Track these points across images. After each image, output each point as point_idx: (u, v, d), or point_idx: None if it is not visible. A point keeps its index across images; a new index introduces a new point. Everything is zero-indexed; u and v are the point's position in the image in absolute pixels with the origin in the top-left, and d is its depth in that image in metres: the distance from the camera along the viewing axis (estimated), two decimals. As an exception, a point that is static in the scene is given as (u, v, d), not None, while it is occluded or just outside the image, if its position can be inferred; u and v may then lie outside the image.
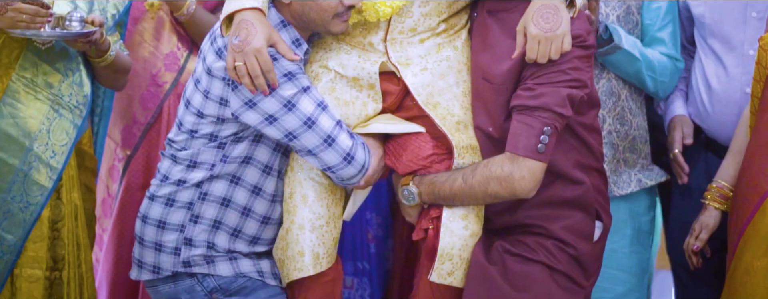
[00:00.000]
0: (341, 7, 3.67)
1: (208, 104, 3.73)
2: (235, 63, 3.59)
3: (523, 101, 3.57)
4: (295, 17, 3.72)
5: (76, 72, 4.15)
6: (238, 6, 3.64)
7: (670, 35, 4.41)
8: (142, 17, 4.71)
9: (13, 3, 3.82)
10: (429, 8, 3.76)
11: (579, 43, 3.58)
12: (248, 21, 3.60)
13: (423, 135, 3.77)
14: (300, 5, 3.69)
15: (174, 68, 4.75)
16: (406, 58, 3.77)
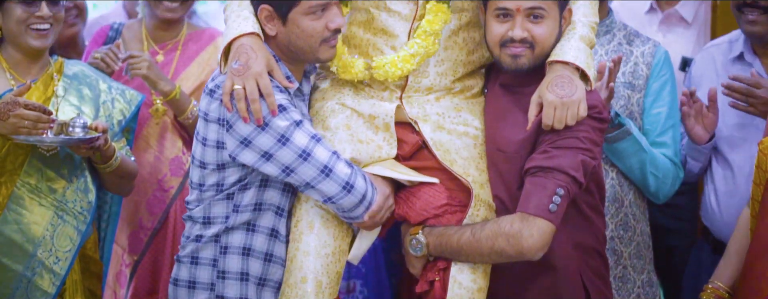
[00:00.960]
0: (327, 32, 3.69)
1: (207, 151, 3.72)
2: (233, 86, 3.58)
3: (538, 162, 3.61)
4: (283, 49, 3.73)
5: (80, 178, 4.18)
6: (235, 33, 3.65)
7: (672, 140, 4.40)
8: (147, 123, 4.75)
9: (16, 109, 3.86)
10: (444, 68, 3.83)
11: (594, 113, 3.64)
12: (247, 46, 3.62)
13: (437, 185, 3.77)
14: (285, 35, 3.70)
15: (179, 173, 4.77)
16: (424, 115, 3.81)
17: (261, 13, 3.70)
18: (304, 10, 3.65)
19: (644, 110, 4.37)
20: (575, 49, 3.69)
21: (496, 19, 3.71)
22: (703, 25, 5.38)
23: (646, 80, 4.39)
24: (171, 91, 4.61)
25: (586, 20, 3.79)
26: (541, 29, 3.68)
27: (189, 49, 4.82)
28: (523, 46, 3.68)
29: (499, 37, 3.70)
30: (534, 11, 3.68)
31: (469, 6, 3.82)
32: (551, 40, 3.71)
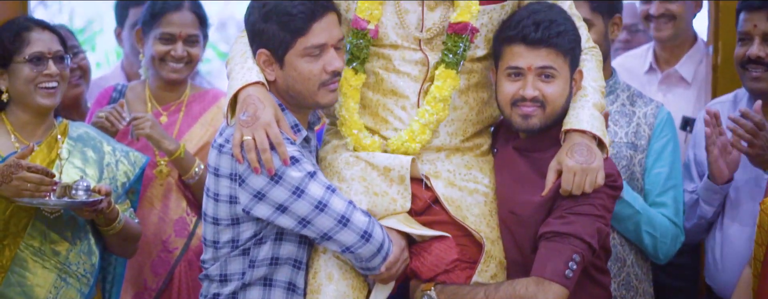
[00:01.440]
0: (325, 75, 3.69)
1: (219, 207, 3.71)
2: (242, 138, 3.59)
3: (554, 227, 3.63)
4: (284, 95, 3.73)
5: (84, 240, 4.18)
6: (240, 83, 3.66)
7: (673, 200, 4.39)
8: (151, 183, 4.76)
9: (19, 172, 3.88)
10: (454, 128, 3.85)
11: (610, 181, 3.69)
12: (254, 96, 3.62)
13: (448, 240, 3.78)
14: (284, 79, 3.71)
15: (184, 234, 4.77)
16: (435, 171, 3.84)
17: (259, 58, 3.71)
18: (299, 52, 3.67)
19: (646, 170, 4.38)
20: (591, 117, 3.75)
21: (508, 78, 3.76)
22: (703, 85, 5.41)
23: (648, 141, 4.40)
24: (175, 150, 4.62)
25: (597, 85, 3.84)
26: (552, 88, 3.73)
27: (193, 110, 4.84)
28: (534, 106, 3.73)
29: (511, 95, 3.75)
30: (545, 71, 3.73)
31: (477, 67, 3.86)
32: (562, 99, 3.76)
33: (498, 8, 3.82)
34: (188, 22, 4.78)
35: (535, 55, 3.72)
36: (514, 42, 3.74)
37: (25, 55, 4.12)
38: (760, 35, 4.44)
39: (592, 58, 3.90)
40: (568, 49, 3.76)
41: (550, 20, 3.73)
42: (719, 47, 5.00)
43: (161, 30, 4.75)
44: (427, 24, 3.80)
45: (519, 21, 3.75)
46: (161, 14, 4.76)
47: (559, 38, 3.73)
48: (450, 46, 3.77)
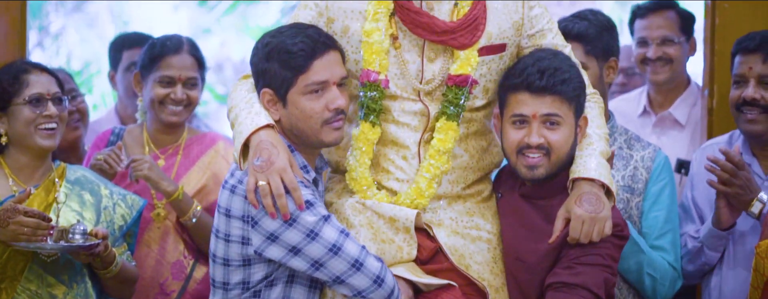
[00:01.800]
0: (328, 112, 3.70)
1: (230, 248, 3.70)
2: (257, 183, 3.59)
3: (562, 278, 3.65)
4: (289, 134, 3.74)
5: (81, 284, 4.18)
6: (250, 128, 3.67)
7: (671, 244, 4.39)
8: (148, 226, 4.77)
9: (15, 216, 3.89)
10: (455, 176, 3.86)
11: (617, 231, 3.72)
12: (267, 141, 3.63)
13: (454, 289, 3.78)
14: (288, 118, 3.72)
15: (181, 277, 4.77)
16: (438, 220, 3.84)
17: (263, 97, 3.74)
18: (301, 89, 3.69)
19: (643, 213, 4.39)
20: (598, 166, 3.77)
21: (513, 125, 3.78)
22: (696, 127, 5.43)
23: (646, 184, 4.41)
24: (174, 191, 4.63)
25: (601, 133, 3.87)
26: (557, 136, 3.76)
27: (191, 153, 4.85)
28: (539, 154, 3.76)
29: (516, 143, 3.77)
30: (550, 118, 3.75)
31: (476, 116, 3.88)
32: (567, 147, 3.78)
33: (496, 58, 3.84)
34: (187, 65, 4.80)
35: (539, 102, 3.74)
36: (519, 90, 3.76)
37: (24, 97, 4.14)
38: (756, 77, 4.46)
39: (595, 106, 3.92)
40: (573, 96, 3.78)
41: (555, 68, 3.75)
42: (715, 90, 5.02)
43: (161, 73, 4.77)
44: (426, 75, 3.82)
45: (524, 69, 3.77)
46: (160, 57, 4.78)
47: (564, 86, 3.75)
48: (451, 99, 3.78)
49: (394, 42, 3.79)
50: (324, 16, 3.81)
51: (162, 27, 15.56)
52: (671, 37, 5.52)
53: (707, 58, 5.10)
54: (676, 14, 5.61)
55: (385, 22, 3.76)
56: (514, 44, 3.87)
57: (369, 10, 3.77)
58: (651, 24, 5.54)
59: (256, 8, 15.46)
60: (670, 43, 5.51)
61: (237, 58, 16.25)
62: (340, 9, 3.81)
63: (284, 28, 3.75)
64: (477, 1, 3.79)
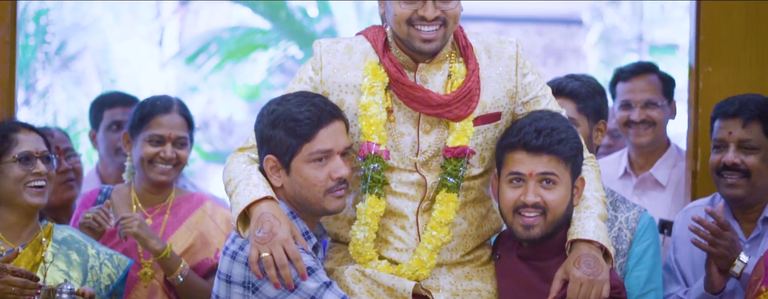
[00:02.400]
0: (331, 181, 3.73)
1: None
2: (260, 255, 3.60)
3: None
4: (291, 201, 3.76)
5: (67, 342, 4.19)
6: (249, 199, 3.68)
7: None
8: (136, 285, 4.76)
9: (3, 276, 3.90)
10: (454, 244, 3.89)
11: (615, 293, 3.75)
12: (269, 213, 3.64)
13: None
14: (291, 186, 3.75)
15: (167, 335, 4.77)
16: (437, 285, 3.86)
17: (266, 164, 3.76)
18: (305, 157, 3.72)
19: (626, 273, 4.42)
20: (596, 228, 3.80)
21: (510, 184, 3.82)
22: (677, 188, 5.48)
23: (630, 245, 4.43)
24: (162, 250, 4.64)
25: (599, 195, 3.90)
26: (553, 195, 3.79)
27: (178, 213, 4.87)
28: (535, 213, 3.79)
29: (513, 202, 3.81)
30: (546, 177, 3.79)
31: (473, 184, 3.90)
32: (563, 207, 3.82)
33: (492, 127, 3.88)
34: (177, 124, 4.83)
35: (536, 161, 3.78)
36: (516, 149, 3.80)
37: (14, 155, 4.18)
38: (735, 142, 4.50)
39: (592, 169, 3.96)
40: (570, 156, 3.82)
41: (552, 128, 3.79)
42: (699, 153, 5.08)
43: (151, 132, 4.79)
44: (422, 147, 3.85)
45: (521, 128, 3.81)
46: (151, 117, 4.81)
47: (561, 145, 3.79)
48: (450, 171, 3.81)
49: (389, 115, 3.82)
50: (318, 91, 3.85)
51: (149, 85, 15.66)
52: (655, 101, 5.57)
53: (691, 122, 5.15)
54: (658, 78, 5.68)
55: (381, 95, 3.80)
56: (508, 112, 3.90)
57: (365, 83, 3.81)
58: (634, 87, 5.60)
59: (243, 67, 15.55)
60: (654, 107, 5.57)
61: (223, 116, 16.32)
62: (334, 84, 3.84)
63: (290, 95, 3.79)
64: (470, 72, 3.83)
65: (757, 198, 4.55)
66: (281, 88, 15.41)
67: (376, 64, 3.83)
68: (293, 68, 15.03)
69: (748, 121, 4.50)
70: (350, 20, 15.59)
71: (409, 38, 3.78)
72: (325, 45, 3.89)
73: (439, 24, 3.76)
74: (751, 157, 4.50)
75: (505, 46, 3.91)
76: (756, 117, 4.50)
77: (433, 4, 3.74)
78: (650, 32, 16.60)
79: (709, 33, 5.09)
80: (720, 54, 5.08)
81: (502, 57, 3.89)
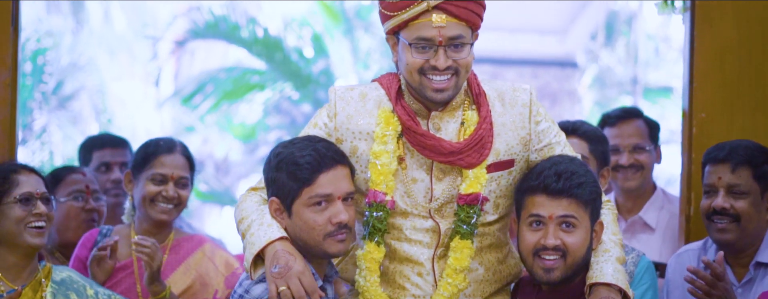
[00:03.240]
0: (330, 226, 3.76)
1: None
2: (278, 290, 3.64)
3: None
4: (293, 245, 3.77)
5: None
6: (264, 240, 3.73)
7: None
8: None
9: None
10: (472, 289, 3.92)
11: None
12: (284, 250, 3.69)
13: None
14: (292, 228, 3.78)
15: None
16: None
17: (271, 206, 3.81)
18: (305, 201, 3.76)
19: None
20: (615, 271, 3.83)
21: (529, 227, 3.85)
22: (666, 230, 5.52)
23: (628, 288, 4.46)
24: (161, 290, 4.68)
25: (616, 239, 3.93)
26: (573, 238, 3.82)
27: (178, 254, 4.91)
28: (556, 255, 3.82)
29: (533, 245, 3.83)
30: (566, 220, 3.82)
31: (489, 230, 3.94)
32: (583, 250, 3.84)
33: (505, 174, 3.91)
34: (180, 164, 4.89)
35: (556, 204, 3.81)
36: (536, 192, 3.83)
37: (15, 196, 4.22)
38: (725, 187, 4.54)
39: (609, 212, 3.99)
40: (589, 200, 3.85)
41: (572, 171, 3.82)
42: (692, 197, 5.11)
43: (154, 171, 4.85)
44: (435, 194, 3.88)
45: (541, 172, 3.84)
46: (154, 156, 4.87)
47: (580, 189, 3.82)
48: (463, 218, 3.84)
49: (401, 163, 3.86)
50: (332, 137, 3.89)
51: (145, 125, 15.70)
52: (643, 145, 5.62)
53: (685, 166, 5.19)
54: (645, 123, 5.73)
55: (393, 143, 3.84)
56: (522, 159, 3.93)
57: (377, 132, 3.84)
58: (622, 132, 5.64)
59: (239, 107, 15.60)
60: (642, 151, 5.60)
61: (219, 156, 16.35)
62: (348, 130, 3.89)
63: (297, 139, 3.84)
64: (482, 120, 3.86)
65: (747, 243, 4.58)
66: (277, 128, 15.48)
67: (390, 111, 3.87)
68: (289, 109, 15.09)
69: (737, 166, 4.55)
70: (346, 61, 15.66)
71: (421, 87, 3.82)
72: (339, 92, 3.93)
73: (450, 73, 3.79)
74: (740, 202, 4.54)
75: (518, 94, 3.93)
76: (745, 162, 4.55)
77: (444, 54, 3.77)
78: (645, 75, 16.66)
79: (702, 79, 5.14)
80: (713, 100, 5.13)
81: (515, 104, 3.92)
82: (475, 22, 3.80)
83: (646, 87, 16.51)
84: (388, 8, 3.81)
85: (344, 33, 15.72)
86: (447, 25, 3.75)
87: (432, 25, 3.76)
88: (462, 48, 3.78)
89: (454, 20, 3.77)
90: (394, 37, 3.85)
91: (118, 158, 5.87)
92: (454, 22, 3.77)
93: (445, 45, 3.76)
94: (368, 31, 16.03)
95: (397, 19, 3.79)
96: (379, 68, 15.79)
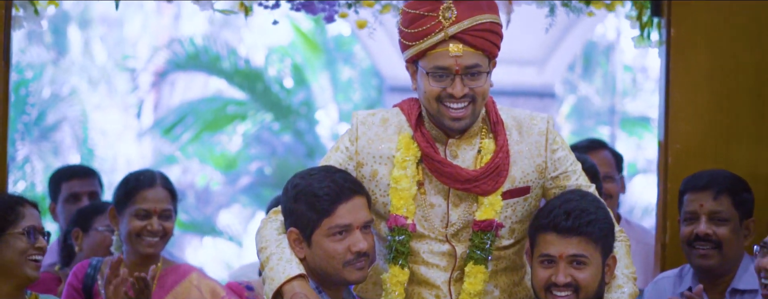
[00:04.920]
0: (350, 255, 3.81)
1: None
2: None
3: None
4: (313, 273, 3.84)
5: None
6: (283, 277, 3.78)
7: None
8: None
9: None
10: None
11: None
12: (301, 293, 3.74)
13: None
14: (312, 258, 3.83)
15: None
16: None
17: (290, 236, 3.86)
18: (325, 232, 3.81)
19: None
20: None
21: (541, 264, 3.87)
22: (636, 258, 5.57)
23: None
24: None
25: (628, 272, 3.96)
26: (584, 275, 3.85)
27: (165, 283, 4.96)
28: (567, 291, 3.84)
29: (544, 281, 3.86)
30: (576, 258, 3.85)
31: (504, 254, 3.99)
32: (594, 285, 3.87)
33: (521, 201, 3.96)
34: (161, 197, 4.94)
35: (566, 243, 3.83)
36: (547, 230, 3.85)
37: (20, 229, 4.28)
38: (707, 214, 4.60)
39: (622, 245, 4.00)
40: (600, 236, 3.87)
41: (582, 209, 3.84)
42: (668, 226, 5.19)
43: (136, 207, 4.90)
44: (451, 219, 3.94)
45: (551, 210, 3.86)
46: (136, 191, 4.92)
47: (590, 227, 3.84)
48: (477, 243, 3.89)
49: (420, 188, 3.92)
50: (353, 160, 3.95)
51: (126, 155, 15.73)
52: (611, 174, 5.67)
53: (660, 196, 5.26)
54: (611, 153, 5.81)
55: (412, 169, 3.89)
56: (538, 186, 3.97)
57: (398, 157, 3.90)
58: None
59: (220, 138, 15.63)
60: (611, 180, 5.64)
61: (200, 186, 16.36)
62: (368, 155, 3.94)
63: (315, 170, 3.89)
64: (499, 149, 3.91)
65: (726, 269, 4.65)
66: (257, 159, 15.50)
67: (409, 137, 3.93)
68: (270, 139, 15.12)
69: (719, 194, 4.61)
70: (326, 91, 15.72)
71: (439, 115, 3.88)
72: (361, 116, 4.00)
73: (467, 101, 3.85)
74: (722, 228, 4.61)
75: (536, 122, 3.99)
76: (725, 190, 4.62)
77: (461, 82, 3.83)
78: (622, 105, 16.72)
79: (677, 110, 5.22)
80: (688, 131, 5.21)
81: (532, 133, 3.97)
82: (491, 50, 3.87)
83: (623, 117, 16.56)
84: (407, 38, 3.87)
85: (325, 64, 15.79)
86: (464, 54, 3.82)
87: (449, 55, 3.82)
88: (479, 76, 3.85)
89: (471, 50, 3.83)
90: (414, 65, 3.92)
91: (86, 188, 5.93)
92: (471, 52, 3.83)
93: (462, 74, 3.83)
94: (348, 63, 16.12)
95: (416, 49, 3.86)
96: (360, 99, 15.87)
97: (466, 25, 3.82)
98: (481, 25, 3.84)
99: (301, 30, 15.49)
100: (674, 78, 5.24)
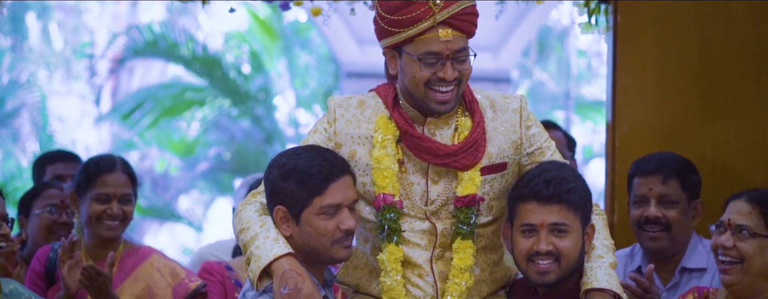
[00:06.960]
0: (339, 233, 3.84)
1: None
2: None
3: None
4: (300, 251, 3.86)
5: None
6: (270, 256, 3.80)
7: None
8: None
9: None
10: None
11: None
12: (292, 270, 3.77)
13: None
14: (300, 236, 3.85)
15: None
16: None
17: (276, 214, 3.87)
18: (315, 210, 3.83)
19: None
20: (608, 276, 3.93)
21: (522, 234, 3.92)
22: None
23: None
24: None
25: (608, 243, 4.03)
26: (565, 243, 3.90)
27: (126, 266, 5.02)
28: (549, 260, 3.90)
29: (526, 251, 3.90)
30: (557, 226, 3.89)
31: (483, 232, 4.03)
32: (575, 253, 3.92)
33: (498, 177, 4.00)
34: (121, 182, 5.00)
35: (547, 211, 3.88)
36: (527, 199, 3.90)
37: None
38: (656, 197, 4.69)
39: (599, 218, 4.07)
40: (579, 204, 3.92)
41: (561, 178, 3.90)
42: (615, 207, 5.28)
43: (97, 191, 4.96)
44: (431, 196, 3.99)
45: (530, 179, 3.92)
46: (96, 176, 4.98)
47: (570, 195, 3.89)
48: (462, 219, 3.93)
49: (400, 166, 3.97)
50: (332, 141, 3.99)
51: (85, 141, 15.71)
52: (564, 154, 5.78)
53: (608, 178, 5.36)
54: (563, 134, 5.87)
55: (392, 148, 3.94)
56: (514, 163, 4.03)
57: (377, 137, 3.95)
58: None
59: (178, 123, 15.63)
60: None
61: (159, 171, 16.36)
62: (347, 135, 3.99)
63: (301, 149, 3.91)
64: (476, 124, 3.97)
65: (676, 250, 4.74)
66: (216, 144, 15.53)
67: (387, 118, 3.97)
68: (228, 124, 15.14)
69: (668, 177, 4.69)
70: (283, 77, 15.76)
71: (425, 99, 3.92)
72: (338, 100, 4.05)
73: (454, 84, 3.91)
74: (671, 211, 4.69)
75: (509, 101, 4.05)
76: (674, 173, 4.70)
77: (451, 66, 3.89)
78: (577, 89, 16.84)
79: (624, 94, 5.31)
80: (635, 114, 5.30)
81: (506, 110, 4.03)
82: (472, 31, 3.94)
83: (578, 102, 16.67)
84: (392, 25, 3.89)
85: (282, 50, 15.82)
86: (453, 38, 3.86)
87: (439, 40, 3.86)
88: (466, 60, 3.92)
89: (458, 34, 3.89)
90: (394, 51, 3.97)
91: (70, 171, 5.95)
92: (458, 35, 3.89)
93: (452, 57, 3.89)
94: (305, 49, 16.15)
95: (404, 35, 3.88)
96: (317, 84, 15.92)
97: (454, 10, 3.88)
98: (466, 9, 3.91)
99: (258, 16, 15.50)
100: (621, 63, 5.33)
